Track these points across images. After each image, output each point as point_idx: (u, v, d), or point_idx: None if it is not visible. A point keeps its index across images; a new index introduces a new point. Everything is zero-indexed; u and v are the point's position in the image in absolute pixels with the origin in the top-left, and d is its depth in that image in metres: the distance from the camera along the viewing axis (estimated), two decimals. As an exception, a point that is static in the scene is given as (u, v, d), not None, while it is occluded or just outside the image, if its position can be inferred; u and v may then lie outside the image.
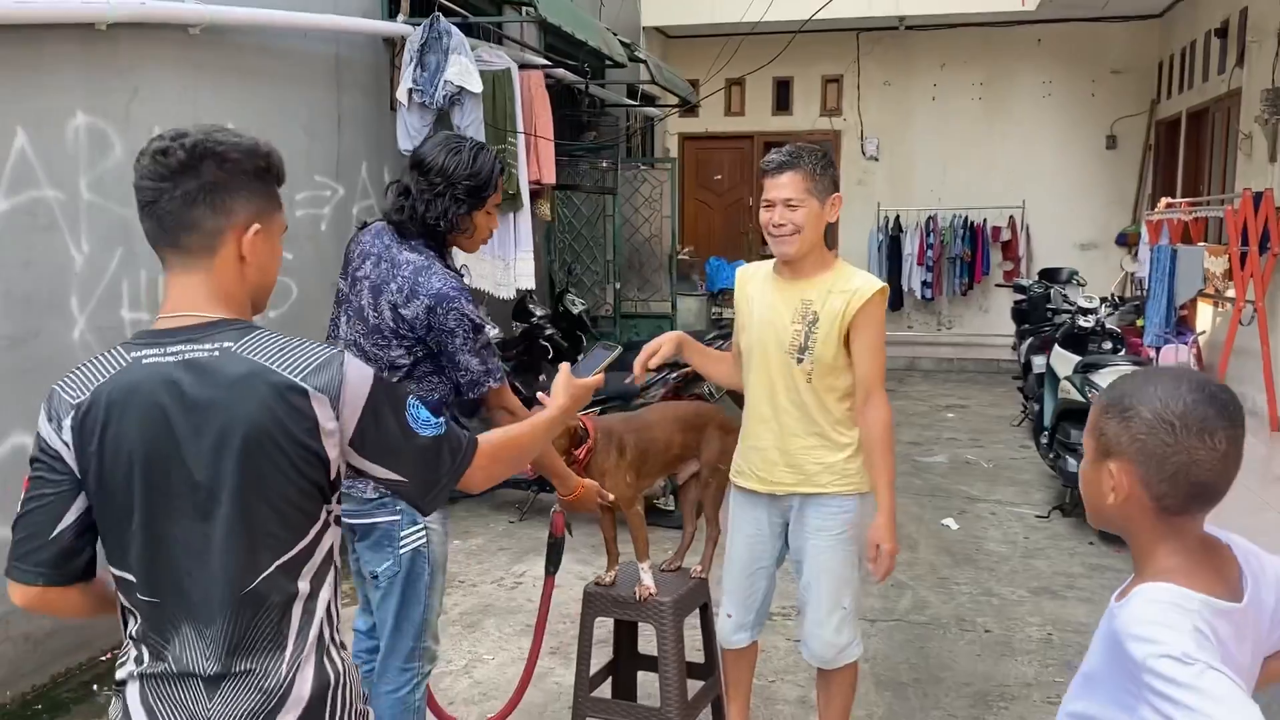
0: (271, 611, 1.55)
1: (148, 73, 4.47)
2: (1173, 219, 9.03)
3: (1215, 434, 1.37)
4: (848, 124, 13.23)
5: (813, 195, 2.91)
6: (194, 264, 1.57)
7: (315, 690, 1.57)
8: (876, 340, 2.97)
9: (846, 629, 3.10)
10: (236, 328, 1.56)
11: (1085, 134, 12.57)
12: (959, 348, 12.75)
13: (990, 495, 6.73)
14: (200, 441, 1.50)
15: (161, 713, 1.55)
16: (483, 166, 2.70)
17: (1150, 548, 1.45)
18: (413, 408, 1.66)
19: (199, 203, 1.54)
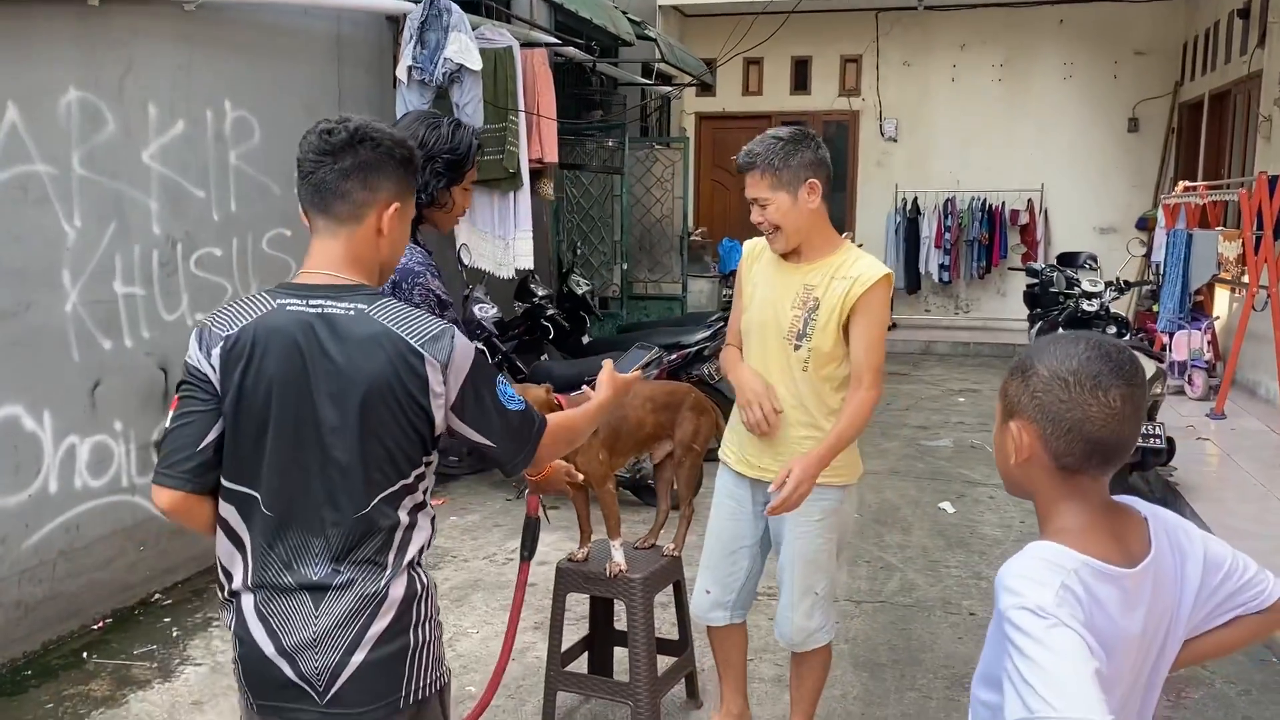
0: (377, 533, 1.80)
1: (141, 48, 4.50)
2: (1189, 203, 8.92)
3: (1109, 390, 1.38)
4: (866, 104, 13.12)
5: (779, 189, 2.84)
6: (339, 230, 1.82)
7: (405, 598, 1.83)
8: (876, 330, 2.88)
9: (818, 614, 3.07)
10: (369, 293, 1.81)
11: (1107, 116, 12.41)
12: (975, 331, 12.68)
13: (990, 479, 6.69)
14: (329, 385, 1.75)
15: (274, 616, 1.80)
16: (461, 141, 2.70)
17: (1050, 508, 1.46)
18: (501, 383, 1.88)
19: (352, 177, 1.80)
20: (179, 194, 4.75)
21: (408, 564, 1.84)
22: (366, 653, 1.80)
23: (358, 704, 1.81)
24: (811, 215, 2.88)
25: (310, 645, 1.79)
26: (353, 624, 1.79)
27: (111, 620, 4.41)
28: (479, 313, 6.25)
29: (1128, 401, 1.40)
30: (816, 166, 2.87)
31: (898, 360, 11.74)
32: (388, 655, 1.82)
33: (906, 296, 13.08)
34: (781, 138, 2.87)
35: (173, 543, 4.79)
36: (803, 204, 2.86)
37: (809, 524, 3.01)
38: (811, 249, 2.93)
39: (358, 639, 1.80)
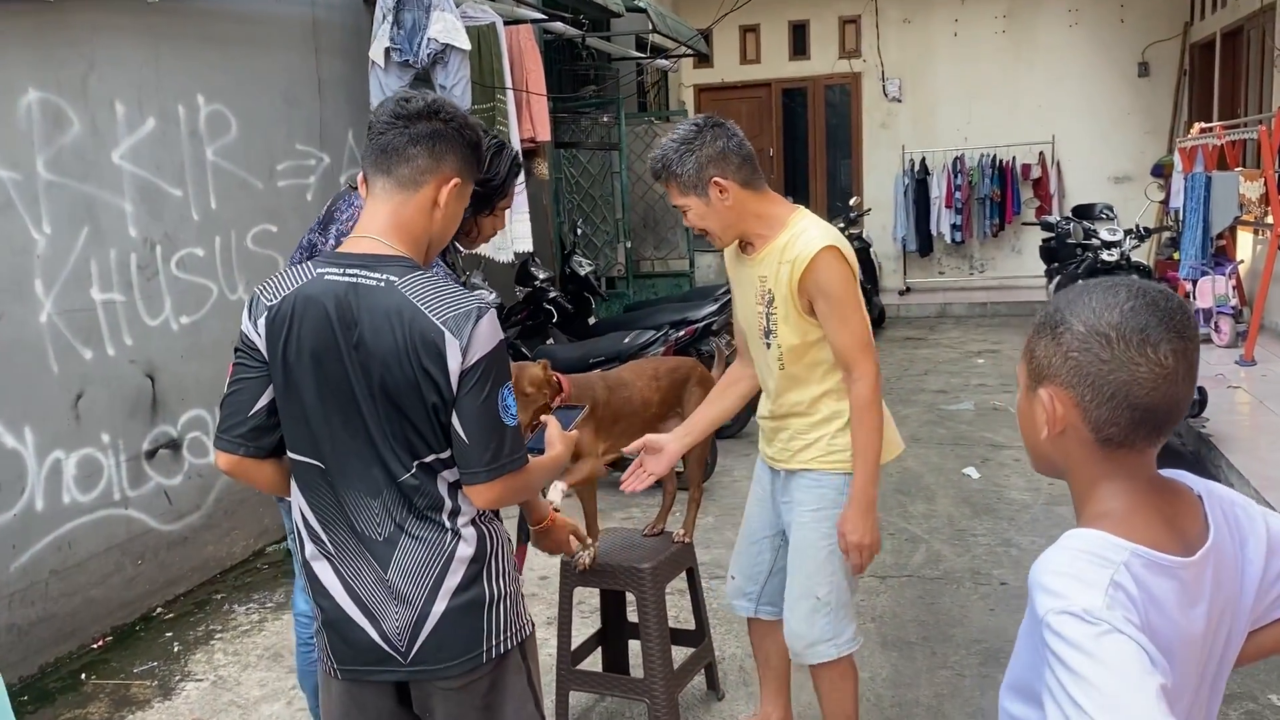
0: (427, 494, 1.81)
1: (103, 45, 4.32)
2: (1207, 145, 8.63)
3: (1158, 346, 1.17)
4: (867, 65, 12.83)
5: (688, 194, 2.59)
6: (395, 193, 1.82)
7: (476, 554, 1.84)
8: (840, 307, 2.57)
9: (819, 622, 2.73)
10: (405, 265, 1.78)
11: (1116, 62, 12.08)
12: (991, 291, 12.42)
13: (1015, 442, 6.47)
14: (355, 354, 1.75)
15: (353, 579, 1.85)
16: (498, 170, 2.50)
17: (1089, 489, 1.25)
18: (506, 391, 1.80)
19: (421, 143, 1.81)
20: (154, 194, 4.58)
21: (471, 520, 1.84)
22: (444, 609, 1.82)
23: (441, 660, 1.83)
24: (733, 211, 2.59)
25: (388, 603, 1.82)
26: (425, 581, 1.81)
27: (111, 638, 4.27)
28: (477, 300, 6.06)
29: (1181, 358, 1.18)
30: (721, 161, 2.56)
31: (914, 325, 11.52)
32: (465, 611, 1.83)
33: (919, 259, 12.82)
34: (677, 139, 2.59)
35: (172, 554, 4.65)
36: (716, 204, 2.58)
37: (807, 513, 2.75)
38: (758, 238, 2.65)
39: (432, 595, 1.82)
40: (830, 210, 12.76)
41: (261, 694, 3.76)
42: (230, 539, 5.02)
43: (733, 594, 3.07)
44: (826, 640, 2.75)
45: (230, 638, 4.25)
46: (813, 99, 13.19)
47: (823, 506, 2.73)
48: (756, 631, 3.08)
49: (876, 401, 2.61)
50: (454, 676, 1.84)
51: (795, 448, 2.76)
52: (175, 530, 4.69)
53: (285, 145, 5.38)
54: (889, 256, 12.66)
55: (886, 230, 12.61)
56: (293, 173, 5.43)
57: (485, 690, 1.88)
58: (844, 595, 2.78)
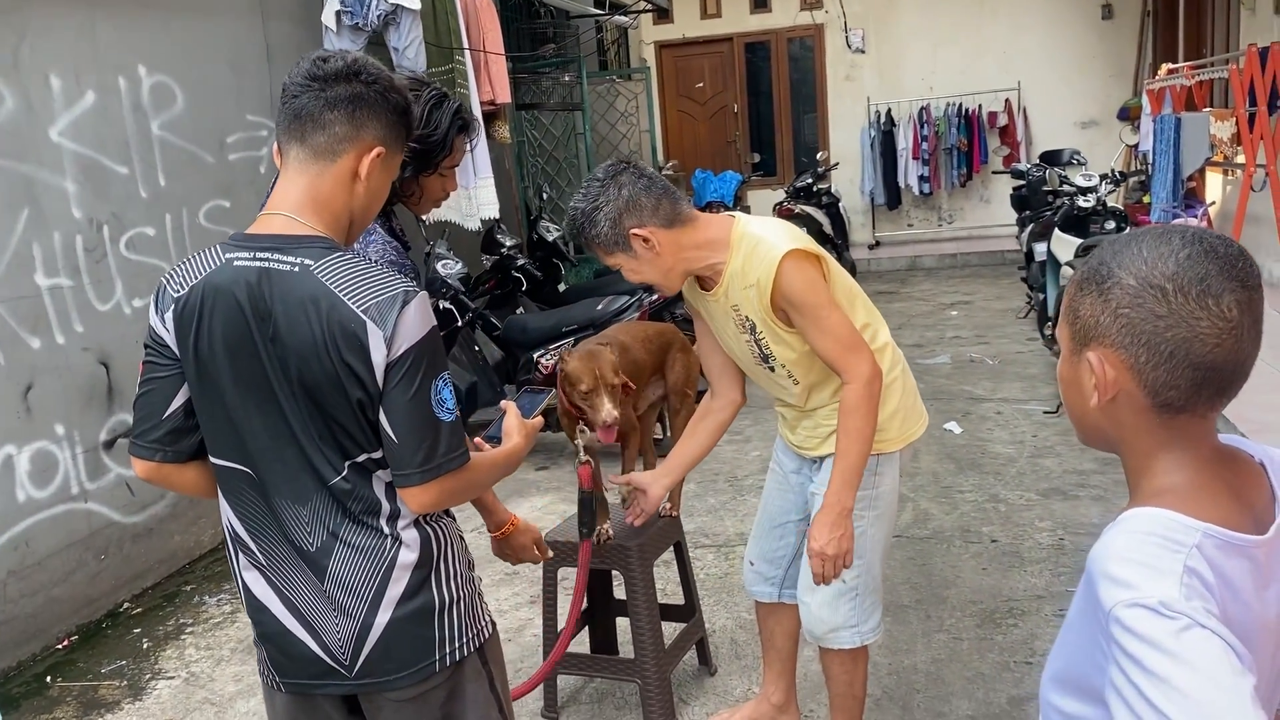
0: (361, 497, 1.66)
1: (35, 14, 4.08)
2: (1175, 86, 8.54)
3: (1221, 297, 1.04)
4: (830, 17, 12.60)
5: (614, 254, 2.42)
6: (310, 164, 1.64)
7: (421, 556, 1.69)
8: (812, 310, 2.38)
9: (843, 607, 2.60)
10: (322, 246, 1.61)
11: (1079, 6, 11.94)
12: (961, 241, 12.33)
13: (995, 394, 6.41)
14: (271, 347, 1.60)
15: (287, 588, 1.71)
16: (438, 124, 2.19)
17: (1146, 461, 1.13)
18: (443, 383, 1.65)
19: (338, 107, 1.62)
20: (98, 172, 4.35)
21: (414, 522, 1.70)
22: (389, 619, 1.69)
23: (389, 671, 1.71)
24: (666, 256, 2.40)
25: (328, 615, 1.70)
26: (365, 592, 1.68)
27: (77, 638, 4.11)
28: (443, 270, 5.88)
29: (1246, 309, 1.05)
30: (633, 210, 2.37)
31: (885, 279, 11.43)
32: (413, 620, 1.70)
33: (888, 212, 12.69)
34: (582, 199, 2.41)
35: (137, 547, 4.48)
36: (645, 255, 2.39)
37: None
38: (710, 269, 2.46)
39: (375, 606, 1.68)
40: (797, 166, 12.61)
41: (237, 689, 3.62)
42: (198, 527, 4.85)
43: (752, 581, 2.93)
44: (850, 627, 2.62)
45: (202, 631, 4.10)
46: (775, 53, 12.98)
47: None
48: (764, 613, 2.96)
49: (866, 405, 2.39)
50: (405, 687, 1.72)
51: (823, 434, 2.61)
52: (139, 522, 4.51)
53: (235, 116, 5.14)
54: (857, 210, 12.53)
55: (854, 184, 12.47)
56: (244, 145, 5.19)
57: (443, 700, 1.76)
58: (873, 581, 2.64)
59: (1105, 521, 4.28)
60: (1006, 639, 3.48)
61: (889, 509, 2.66)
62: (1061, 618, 3.56)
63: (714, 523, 4.76)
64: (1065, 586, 3.80)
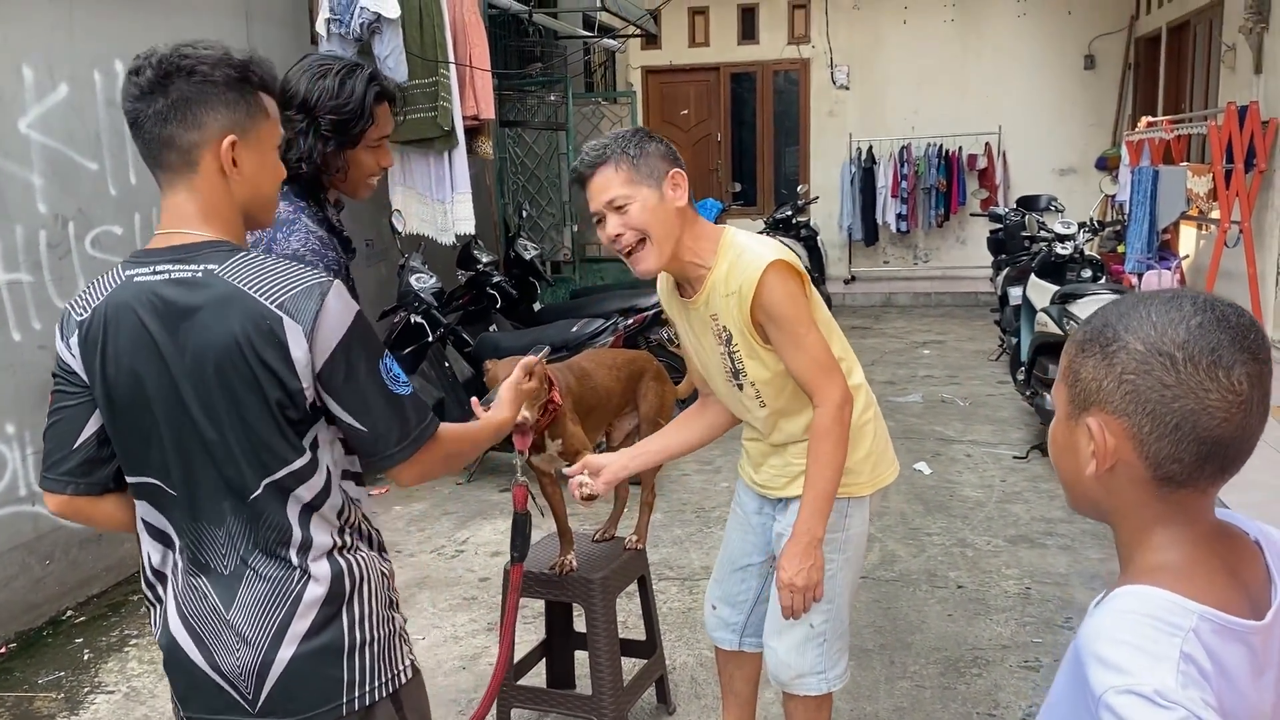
0: (274, 523, 1.59)
1: (8, 5, 3.98)
2: (1154, 139, 8.63)
3: (1232, 369, 1.00)
4: (816, 52, 12.68)
5: (639, 183, 2.27)
6: (179, 182, 1.58)
7: (331, 592, 1.62)
8: (790, 325, 2.29)
9: (810, 653, 2.50)
10: (223, 250, 1.56)
11: (1062, 54, 12.08)
12: (936, 281, 12.39)
13: (966, 436, 6.39)
14: (183, 360, 1.53)
15: (195, 616, 1.63)
16: (352, 92, 2.16)
17: (1141, 536, 1.08)
18: (387, 360, 1.63)
19: (171, 119, 1.55)
20: (67, 167, 4.25)
21: (326, 554, 1.63)
22: (291, 654, 1.61)
23: (292, 711, 1.63)
24: (679, 219, 2.31)
25: (230, 643, 1.62)
26: (269, 622, 1.61)
27: (15, 645, 3.96)
28: (416, 284, 5.80)
29: (1256, 383, 1.02)
30: (675, 159, 2.34)
31: (859, 314, 11.45)
32: (318, 658, 1.62)
33: (865, 248, 12.74)
34: (626, 132, 2.37)
35: (84, 553, 4.34)
36: (669, 201, 2.29)
37: None
38: (695, 269, 2.36)
39: (278, 639, 1.61)
40: (777, 198, 12.63)
41: (179, 707, 3.50)
42: (149, 536, 4.71)
43: (714, 626, 2.81)
44: (817, 673, 2.53)
45: (146, 643, 3.97)
46: (761, 84, 13.03)
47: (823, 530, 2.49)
48: (724, 657, 2.85)
49: (837, 430, 2.32)
50: None
51: (792, 473, 2.51)
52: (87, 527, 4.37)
53: (212, 117, 5.05)
54: (835, 245, 12.57)
55: (833, 219, 12.51)
56: (220, 147, 5.11)
57: None
58: (840, 625, 2.55)
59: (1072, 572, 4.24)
60: (970, 689, 3.43)
61: (858, 553, 2.59)
62: (1027, 669, 3.53)
63: (679, 554, 4.69)
64: (1030, 637, 3.75)
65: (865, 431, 2.52)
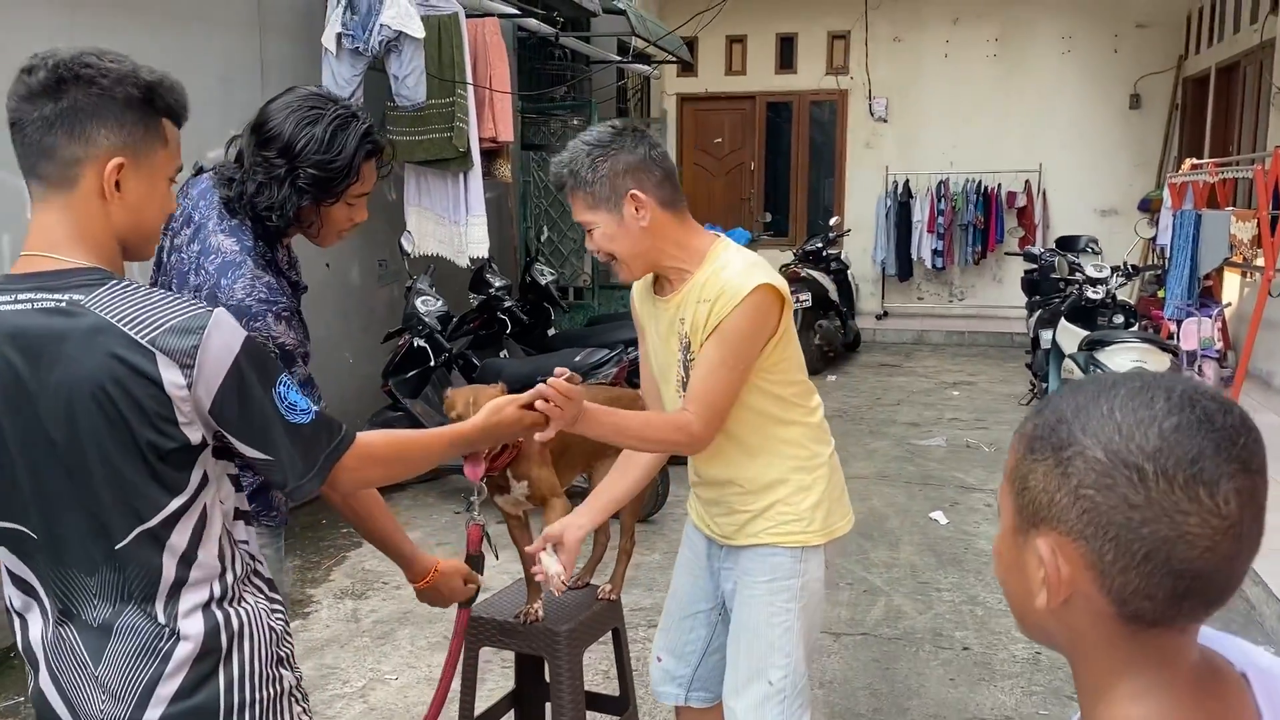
0: (144, 570, 1.48)
1: (8, 14, 3.92)
2: (1197, 181, 8.35)
3: (1216, 486, 0.80)
4: (855, 83, 12.51)
5: (597, 208, 2.17)
6: (52, 197, 1.45)
7: (204, 649, 1.51)
8: (719, 353, 2.16)
9: (770, 711, 2.32)
10: (92, 279, 1.43)
11: (1107, 93, 11.82)
12: (971, 320, 12.12)
13: (987, 484, 6.14)
14: (48, 398, 1.42)
15: (63, 673, 1.52)
16: (342, 149, 1.97)
17: (1104, 680, 0.88)
18: (284, 386, 1.52)
19: (56, 128, 1.43)
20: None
21: (201, 606, 1.51)
22: (159, 715, 1.49)
23: None
24: (648, 234, 2.19)
25: (94, 700, 1.50)
26: (136, 681, 1.49)
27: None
28: (422, 307, 5.68)
29: (1248, 503, 0.81)
30: (640, 172, 2.16)
31: (890, 351, 11.21)
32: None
33: (898, 284, 12.51)
34: (590, 142, 2.19)
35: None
36: (630, 223, 2.17)
37: (756, 586, 2.36)
38: (676, 273, 2.27)
39: (144, 699, 1.49)
40: (810, 228, 12.44)
41: (134, 742, 3.36)
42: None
43: (659, 680, 2.63)
44: None
45: (114, 671, 3.84)
46: (798, 114, 12.88)
47: (777, 577, 2.34)
48: (681, 716, 2.68)
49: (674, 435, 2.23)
50: None
51: (739, 521, 2.35)
52: None
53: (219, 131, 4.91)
54: (867, 279, 12.35)
55: (866, 252, 12.30)
56: (226, 161, 5.02)
57: None
58: (799, 680, 2.37)
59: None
60: (967, 763, 3.20)
61: (815, 603, 2.40)
62: (1029, 745, 3.29)
63: (674, 599, 4.49)
64: (1036, 708, 3.52)
65: (819, 476, 2.37)
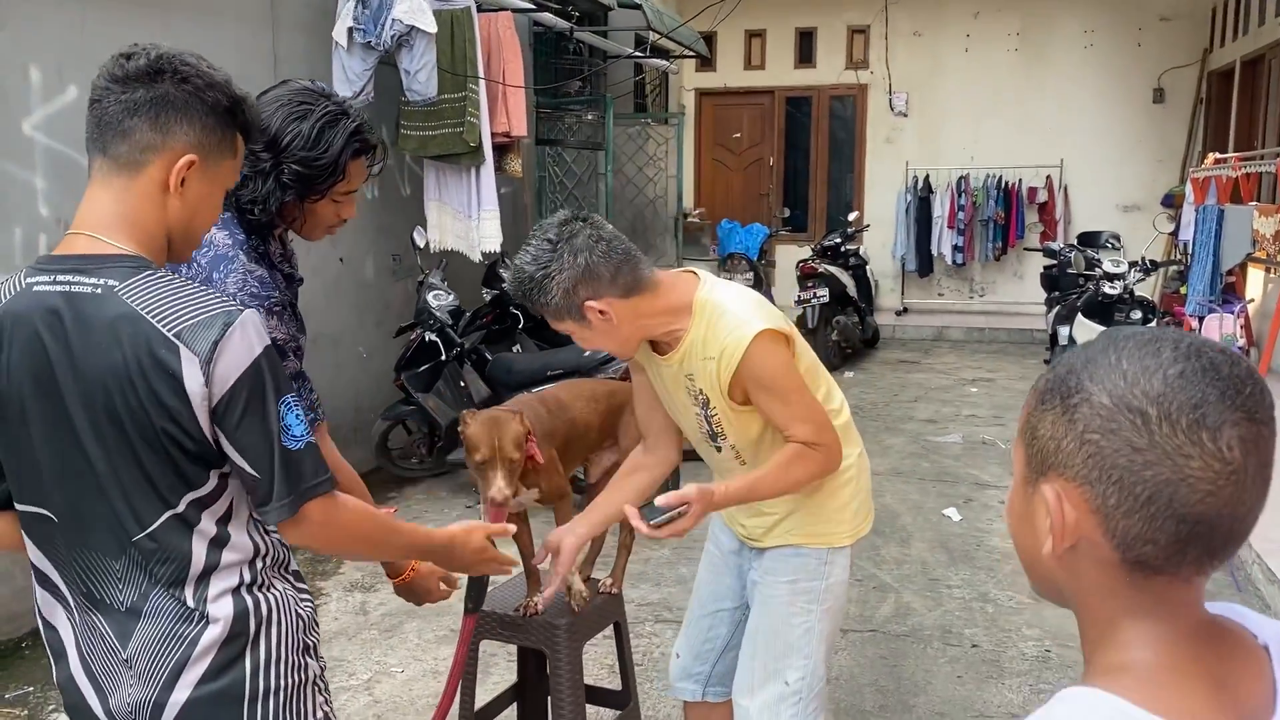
0: (172, 554, 1.48)
1: (17, 4, 3.94)
2: (1220, 176, 8.23)
3: (1219, 431, 0.81)
4: (874, 78, 12.43)
5: (564, 321, 2.12)
6: (115, 178, 1.47)
7: (232, 633, 1.51)
8: (785, 395, 2.16)
9: (785, 712, 2.30)
10: (129, 265, 1.44)
11: (1130, 87, 11.68)
12: (991, 316, 12.02)
13: (1003, 481, 6.08)
14: (75, 383, 1.43)
15: (94, 659, 1.53)
16: (329, 146, 1.94)
17: (1106, 630, 0.88)
18: (289, 405, 1.49)
19: (140, 113, 1.46)
20: (72, 171, 4.19)
21: (230, 592, 1.52)
22: (186, 699, 1.50)
23: None
24: (623, 327, 2.13)
25: (122, 682, 1.51)
26: (164, 663, 1.50)
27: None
28: (433, 301, 5.69)
29: (1251, 450, 0.82)
30: (589, 281, 2.06)
31: (909, 348, 11.14)
32: (213, 704, 1.51)
33: (918, 279, 12.42)
34: (530, 259, 2.07)
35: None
36: (600, 325, 2.11)
37: (778, 585, 2.34)
38: (669, 335, 2.21)
39: (171, 681, 1.50)
40: (829, 224, 12.39)
41: (140, 732, 3.38)
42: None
43: (677, 676, 2.62)
44: None
45: (123, 661, 3.86)
46: (817, 109, 12.81)
47: (800, 578, 2.34)
48: (696, 714, 2.64)
49: (814, 468, 2.19)
50: None
51: (767, 523, 2.36)
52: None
53: (232, 125, 4.99)
54: (887, 275, 12.28)
55: (886, 248, 12.22)
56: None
57: None
58: (817, 683, 2.36)
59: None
60: (972, 761, 3.17)
61: (837, 604, 2.40)
62: (1036, 743, 3.25)
63: (682, 595, 4.47)
64: (1045, 707, 3.47)
65: (849, 478, 2.37)
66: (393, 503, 5.67)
